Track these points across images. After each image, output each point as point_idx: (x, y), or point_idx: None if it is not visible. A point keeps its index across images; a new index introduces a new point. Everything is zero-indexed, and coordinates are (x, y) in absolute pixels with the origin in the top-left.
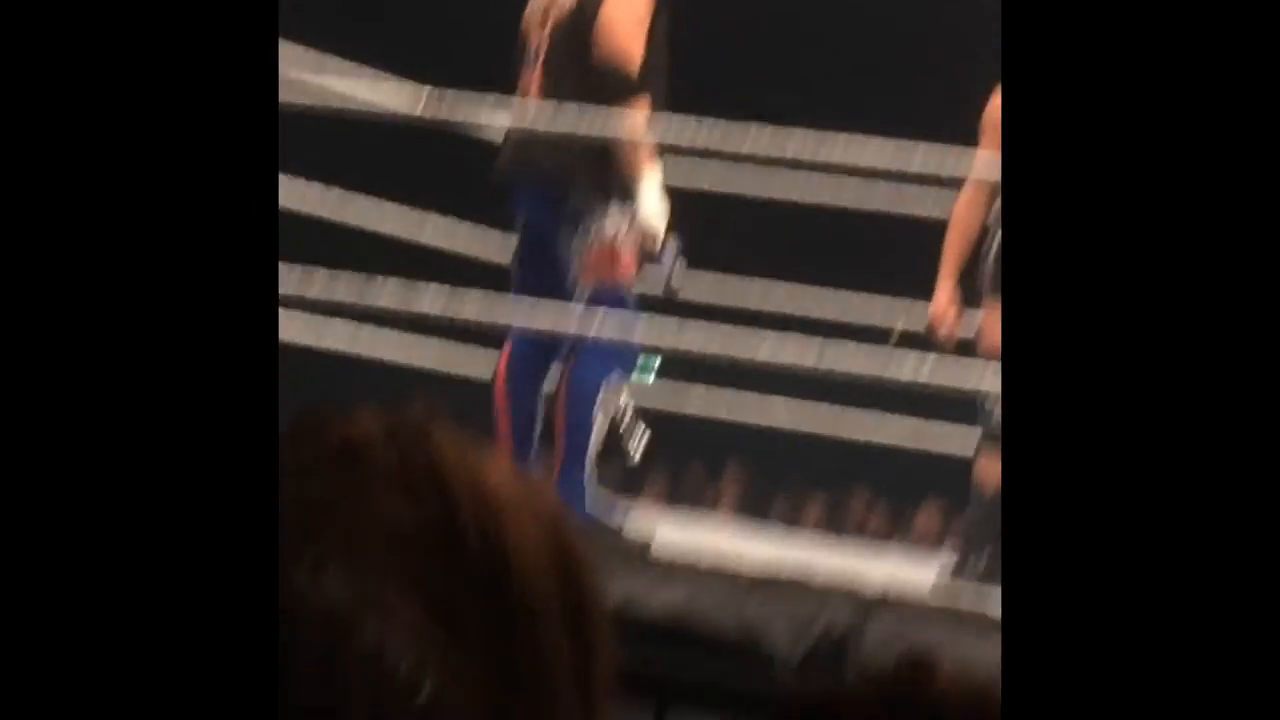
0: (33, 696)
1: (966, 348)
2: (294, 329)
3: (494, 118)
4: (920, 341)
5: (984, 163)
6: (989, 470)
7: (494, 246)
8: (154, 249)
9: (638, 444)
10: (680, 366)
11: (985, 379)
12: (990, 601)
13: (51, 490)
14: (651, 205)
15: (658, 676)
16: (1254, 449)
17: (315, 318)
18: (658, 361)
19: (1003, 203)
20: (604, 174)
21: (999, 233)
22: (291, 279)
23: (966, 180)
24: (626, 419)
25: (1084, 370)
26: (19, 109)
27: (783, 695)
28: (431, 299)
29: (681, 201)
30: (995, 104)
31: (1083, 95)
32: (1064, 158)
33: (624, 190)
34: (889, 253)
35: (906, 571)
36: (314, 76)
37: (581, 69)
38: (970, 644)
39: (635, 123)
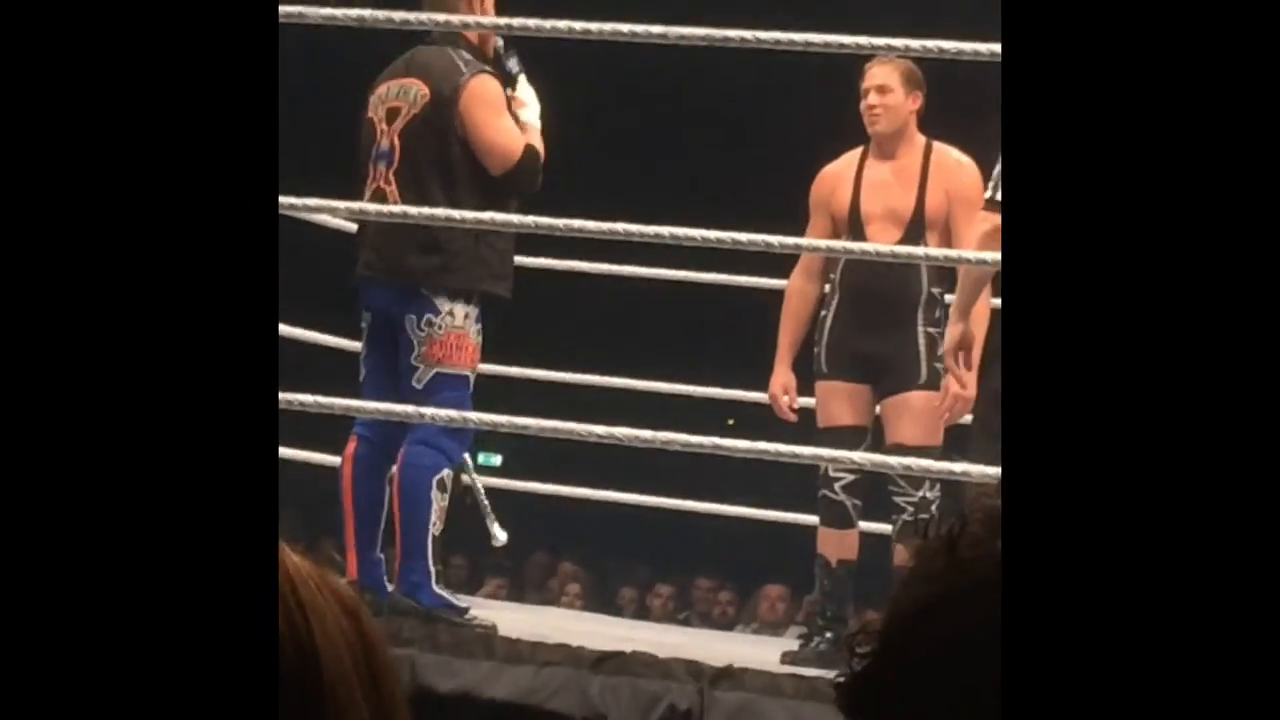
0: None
1: (808, 423)
2: None
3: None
4: (759, 423)
5: (810, 238)
6: (831, 549)
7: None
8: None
9: (493, 522)
10: (521, 459)
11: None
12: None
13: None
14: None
15: None
16: (1258, 459)
17: None
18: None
19: (1003, 220)
20: (463, 269)
21: (834, 308)
22: None
23: (799, 259)
24: (483, 501)
25: (1082, 396)
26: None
27: None
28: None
29: (522, 280)
30: (820, 184)
31: (1081, 115)
32: (1063, 179)
33: (471, 284)
34: (728, 333)
35: (752, 652)
36: None
37: (445, 166)
38: (814, 718)
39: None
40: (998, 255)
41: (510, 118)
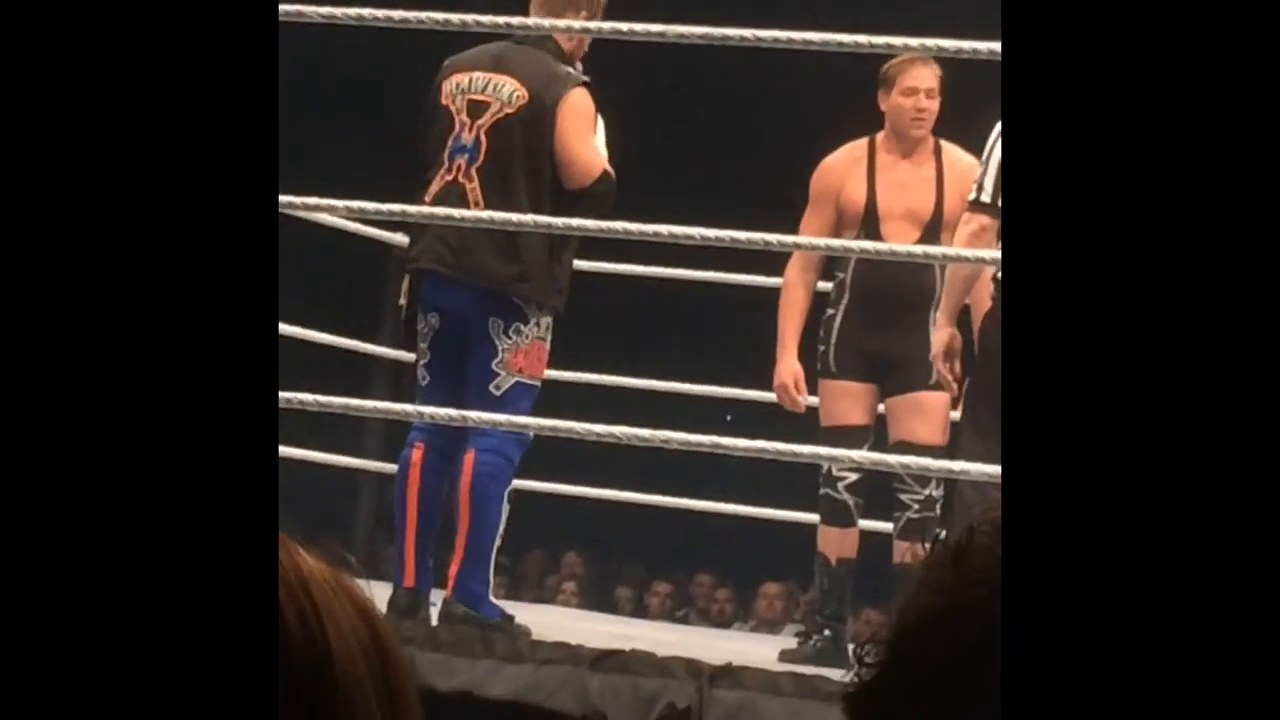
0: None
1: (807, 420)
2: None
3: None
4: (758, 419)
5: (810, 229)
6: (831, 548)
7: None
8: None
9: None
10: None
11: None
12: (833, 674)
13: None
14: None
15: None
16: (1256, 460)
17: None
18: None
19: (1003, 218)
20: (538, 280)
21: (843, 306)
22: None
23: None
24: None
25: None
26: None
27: None
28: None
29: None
30: (824, 175)
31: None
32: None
33: (547, 298)
34: (724, 327)
35: (750, 650)
36: None
37: (534, 172)
38: (813, 716)
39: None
40: (996, 253)
41: (596, 137)
